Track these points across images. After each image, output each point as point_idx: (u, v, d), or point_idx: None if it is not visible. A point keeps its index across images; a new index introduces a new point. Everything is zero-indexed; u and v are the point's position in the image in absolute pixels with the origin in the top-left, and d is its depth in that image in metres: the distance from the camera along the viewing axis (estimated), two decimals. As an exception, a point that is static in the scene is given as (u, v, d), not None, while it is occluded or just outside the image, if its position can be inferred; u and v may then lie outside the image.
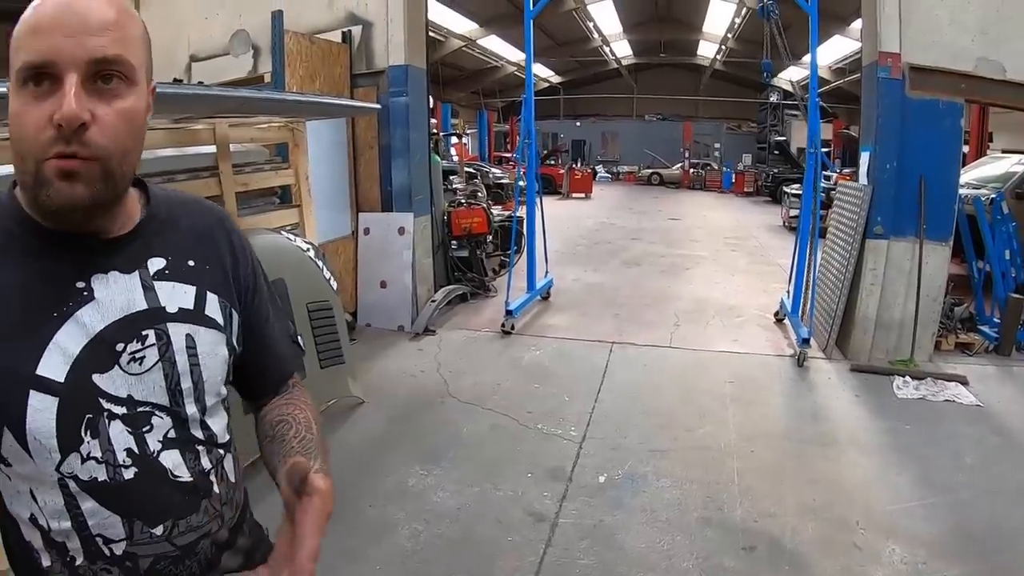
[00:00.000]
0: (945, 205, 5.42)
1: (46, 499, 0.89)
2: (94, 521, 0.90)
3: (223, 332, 1.03)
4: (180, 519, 0.96)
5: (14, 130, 0.83)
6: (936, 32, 5.19)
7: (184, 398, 0.97)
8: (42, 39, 0.80)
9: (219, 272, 1.05)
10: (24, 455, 0.86)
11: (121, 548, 0.92)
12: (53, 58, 0.80)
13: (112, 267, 0.93)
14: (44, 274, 0.88)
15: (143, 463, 0.92)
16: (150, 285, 0.95)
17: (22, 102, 0.82)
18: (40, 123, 0.80)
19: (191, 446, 0.98)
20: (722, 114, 35.78)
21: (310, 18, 6.98)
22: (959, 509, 3.46)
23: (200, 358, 0.99)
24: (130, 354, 0.92)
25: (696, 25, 25.85)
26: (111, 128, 0.83)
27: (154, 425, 0.94)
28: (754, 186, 25.08)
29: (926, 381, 5.09)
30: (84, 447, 0.88)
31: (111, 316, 0.91)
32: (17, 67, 0.82)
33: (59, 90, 0.80)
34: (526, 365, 5.77)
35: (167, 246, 0.99)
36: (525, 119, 7.26)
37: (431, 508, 3.50)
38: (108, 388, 0.90)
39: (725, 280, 9.18)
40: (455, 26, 22.98)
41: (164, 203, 1.03)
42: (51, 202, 0.83)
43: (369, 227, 7.06)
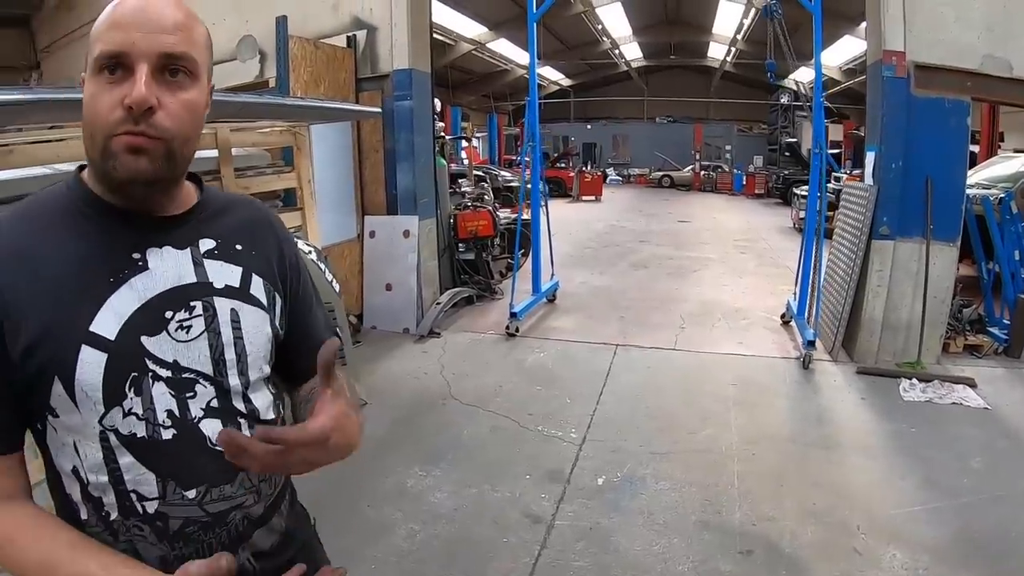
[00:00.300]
0: (952, 205, 5.35)
1: (87, 452, 0.95)
2: (130, 476, 0.96)
3: (267, 312, 1.10)
4: (214, 487, 1.01)
5: (88, 110, 0.93)
6: (941, 30, 5.13)
7: (227, 369, 1.03)
8: (120, 33, 0.90)
9: (264, 259, 1.13)
10: (71, 405, 0.93)
11: (153, 507, 0.97)
12: (128, 50, 0.90)
13: (166, 243, 1.01)
14: (105, 245, 0.97)
15: (182, 426, 0.98)
16: (200, 262, 1.04)
17: (97, 87, 0.92)
18: (112, 105, 0.90)
19: (233, 418, 1.04)
20: (733, 116, 35.67)
21: (316, 23, 7.01)
22: (964, 513, 3.41)
23: (244, 333, 1.06)
24: (178, 322, 0.99)
25: (706, 27, 25.77)
26: (175, 114, 0.93)
27: (198, 392, 1.00)
28: (765, 188, 24.96)
29: (933, 383, 5.03)
30: (127, 402, 0.94)
31: (162, 286, 0.99)
32: (95, 56, 0.91)
33: (131, 78, 0.90)
34: (529, 367, 5.75)
35: (217, 230, 1.08)
36: (529, 121, 7.27)
37: (429, 509, 3.49)
38: (155, 351, 0.97)
39: (733, 282, 9.13)
40: (464, 30, 23.02)
41: (217, 196, 1.14)
42: (117, 173, 0.92)
43: (374, 230, 7.07)
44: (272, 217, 1.22)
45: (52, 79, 11.38)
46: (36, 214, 0.99)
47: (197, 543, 1.00)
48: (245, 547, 1.06)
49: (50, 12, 11.13)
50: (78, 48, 10.69)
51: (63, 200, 1.00)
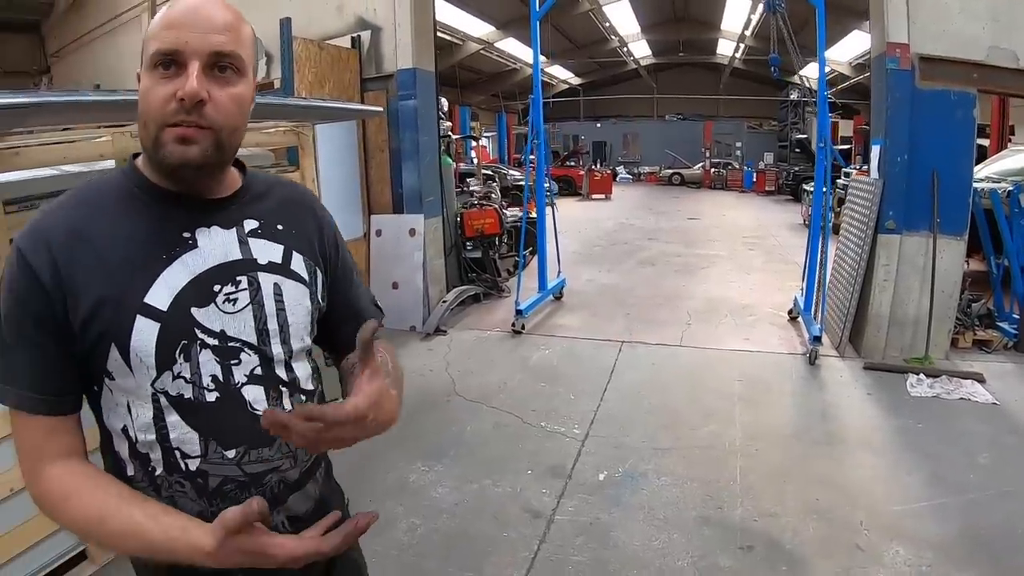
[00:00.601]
0: (959, 198, 5.29)
1: (139, 411, 1.04)
2: (175, 435, 1.05)
3: (307, 287, 1.18)
4: (252, 449, 1.08)
5: (143, 103, 1.01)
6: (945, 21, 5.07)
7: (270, 339, 1.12)
8: (174, 32, 0.98)
9: (304, 237, 1.22)
10: (126, 370, 1.02)
11: (195, 464, 1.06)
12: (181, 48, 0.98)
13: (214, 223, 1.10)
14: (158, 225, 1.06)
15: (226, 391, 1.07)
16: (245, 240, 1.12)
17: (152, 81, 1.00)
18: (166, 98, 0.98)
19: (275, 385, 1.12)
20: (743, 113, 35.50)
21: (321, 25, 7.05)
22: (970, 510, 3.37)
23: (286, 305, 1.14)
24: (225, 295, 1.08)
25: (714, 23, 25.66)
26: (223, 107, 1.01)
27: (242, 360, 1.08)
28: (775, 185, 24.83)
29: (941, 379, 4.99)
30: (176, 367, 1.03)
31: (211, 262, 1.07)
32: (150, 53, 1.00)
33: (183, 73, 0.98)
34: (534, 364, 5.75)
35: (260, 211, 1.17)
36: (534, 119, 7.24)
37: (430, 503, 3.50)
38: (204, 321, 1.05)
39: (740, 279, 9.09)
40: (472, 29, 23.03)
41: (259, 179, 1.22)
42: (169, 160, 1.01)
43: (381, 229, 7.10)
44: (311, 198, 1.31)
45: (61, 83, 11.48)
46: (92, 197, 1.08)
47: (234, 501, 1.02)
48: (280, 510, 1.13)
49: (59, 18, 11.24)
50: (87, 53, 10.80)
51: (118, 185, 1.09)
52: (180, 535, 0.95)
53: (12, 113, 2.39)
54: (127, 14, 9.81)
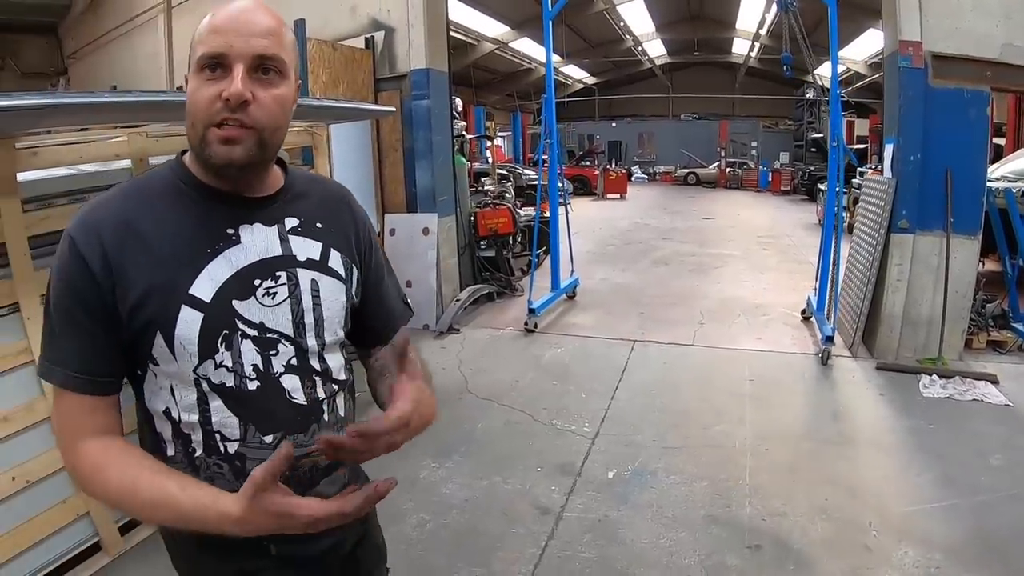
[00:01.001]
0: (972, 197, 5.26)
1: (183, 394, 1.10)
2: (217, 418, 1.11)
3: (344, 283, 1.24)
4: (289, 435, 1.14)
5: (190, 103, 1.06)
6: (958, 18, 5.03)
7: (306, 331, 1.18)
8: (220, 37, 1.03)
9: (342, 234, 1.27)
10: (170, 356, 1.08)
11: (234, 447, 1.12)
12: (226, 51, 1.03)
13: (256, 220, 1.15)
14: (203, 220, 1.11)
15: (266, 379, 1.13)
16: (285, 238, 1.18)
17: (198, 83, 1.05)
18: (211, 99, 1.03)
19: (309, 375, 1.18)
20: (758, 112, 35.34)
21: (335, 26, 7.10)
22: (981, 512, 3.35)
23: (322, 300, 1.20)
24: (265, 289, 1.13)
25: (729, 22, 25.59)
26: (266, 107, 1.06)
27: (280, 351, 1.14)
28: (791, 184, 24.70)
29: (954, 380, 4.96)
30: (218, 356, 1.09)
31: (252, 257, 1.13)
32: (197, 56, 1.04)
33: (228, 76, 1.03)
34: (546, 363, 5.77)
35: (300, 209, 1.22)
36: (547, 118, 7.26)
37: (439, 499, 3.53)
38: (244, 313, 1.11)
39: (754, 278, 9.06)
40: (487, 29, 23.07)
41: (300, 177, 1.27)
42: (214, 159, 1.06)
43: (395, 228, 7.14)
44: (348, 196, 1.36)
45: (78, 84, 11.59)
46: (142, 191, 1.13)
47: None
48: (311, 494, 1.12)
49: (76, 20, 11.35)
50: (104, 54, 10.91)
51: (166, 180, 1.14)
52: (210, 503, 0.98)
53: (30, 114, 2.44)
54: (142, 16, 9.92)
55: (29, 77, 11.97)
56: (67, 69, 12.17)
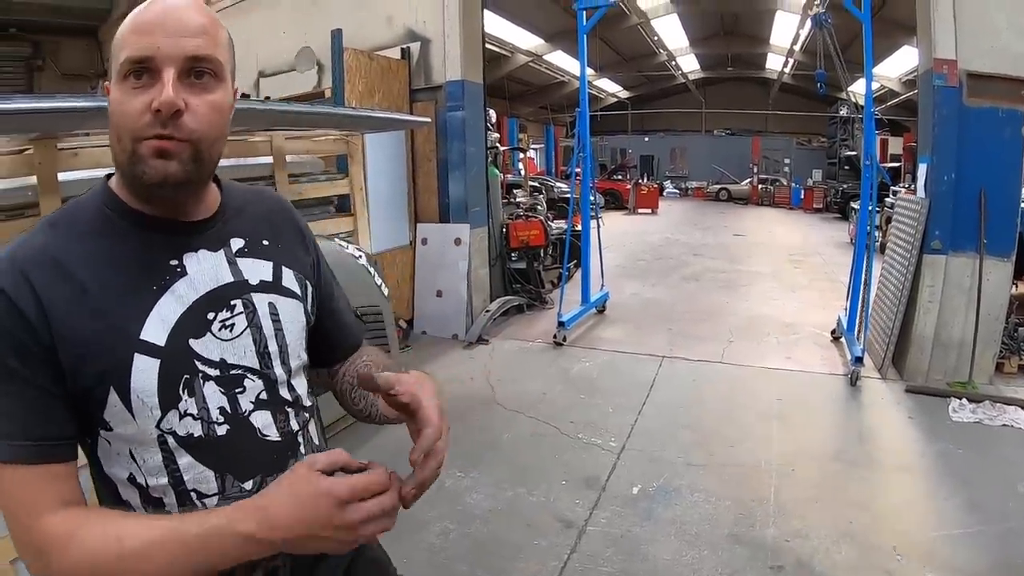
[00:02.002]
0: (1007, 219, 5.19)
1: (145, 457, 0.97)
2: (189, 476, 0.99)
3: (301, 301, 1.15)
4: (268, 476, 1.01)
5: (115, 115, 0.95)
6: (993, 36, 4.98)
7: (272, 360, 1.08)
8: (145, 38, 0.92)
9: (290, 250, 1.18)
10: (127, 415, 0.95)
11: (213, 502, 1.00)
12: (153, 54, 0.91)
13: (200, 246, 1.04)
14: (141, 253, 0.99)
15: (235, 421, 1.02)
16: (233, 261, 1.07)
17: (123, 92, 0.93)
18: (139, 109, 0.91)
19: (281, 407, 1.08)
20: (792, 129, 35.04)
21: (371, 36, 7.22)
22: (1008, 540, 3.30)
23: (283, 324, 1.10)
24: (220, 321, 1.02)
25: (763, 38, 25.45)
26: (202, 116, 0.95)
27: (246, 387, 1.04)
28: (823, 202, 24.45)
29: (984, 404, 4.89)
30: (182, 404, 0.97)
31: (202, 288, 1.02)
32: (120, 62, 0.93)
33: (157, 83, 0.91)
34: (574, 376, 5.80)
35: (244, 228, 1.11)
36: (580, 132, 7.33)
37: (463, 509, 3.58)
38: (203, 352, 1.00)
39: (784, 297, 9.01)
40: (521, 42, 23.20)
41: (236, 192, 1.16)
42: (146, 177, 0.94)
43: (426, 237, 7.24)
44: (289, 207, 1.27)
45: (119, 88, 11.83)
46: (69, 225, 0.99)
47: None
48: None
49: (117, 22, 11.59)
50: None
51: (93, 210, 1.01)
52: (224, 523, 0.86)
53: (73, 116, 2.54)
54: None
55: (69, 78, 12.21)
56: (106, 71, 12.42)
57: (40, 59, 12.10)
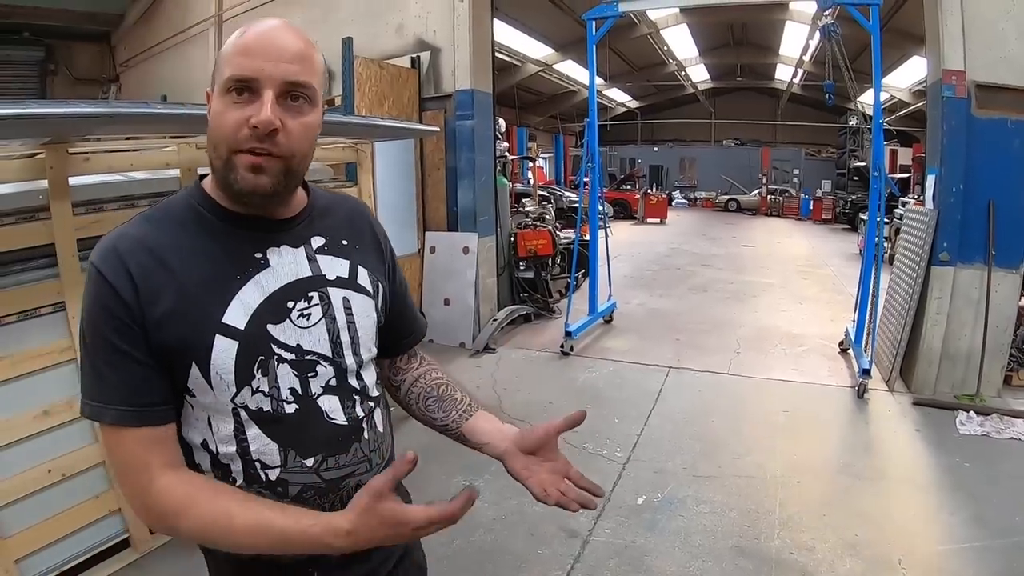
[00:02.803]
0: (1015, 230, 5.16)
1: (219, 425, 1.08)
2: (255, 447, 1.08)
3: (372, 299, 1.24)
4: (330, 456, 1.13)
5: (215, 125, 1.05)
6: (1002, 47, 4.98)
7: (344, 350, 1.16)
8: (249, 60, 1.01)
9: (367, 251, 1.27)
10: (206, 387, 1.05)
11: (275, 474, 1.10)
12: (256, 75, 1.01)
13: (283, 242, 1.14)
14: (230, 246, 1.10)
15: (303, 402, 1.11)
16: (313, 257, 1.17)
17: (224, 105, 1.03)
18: (238, 123, 1.01)
19: (349, 394, 1.17)
20: (801, 139, 35.01)
21: (381, 44, 7.27)
22: (1013, 554, 3.29)
23: (355, 318, 1.19)
24: (299, 311, 1.12)
25: (772, 48, 25.45)
26: (295, 136, 1.05)
27: (318, 373, 1.13)
28: (832, 213, 24.42)
29: (992, 417, 4.87)
30: (255, 382, 1.07)
31: (283, 280, 1.12)
32: (225, 78, 1.02)
33: (256, 101, 1.01)
34: (580, 386, 5.80)
35: (325, 228, 1.21)
36: (589, 142, 7.34)
37: (468, 517, 3.45)
38: (280, 337, 1.09)
39: (792, 308, 8.99)
40: (531, 51, 23.26)
41: (322, 196, 1.27)
42: (238, 186, 1.04)
43: (435, 246, 7.26)
44: (369, 212, 1.36)
45: (130, 92, 11.93)
46: (162, 220, 1.10)
47: (313, 507, 1.09)
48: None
49: (129, 29, 11.69)
50: (155, 63, 11.23)
51: (186, 207, 1.11)
52: (315, 520, 0.98)
53: (85, 121, 2.57)
54: (194, 28, 10.24)
55: (81, 83, 12.34)
56: (119, 77, 12.51)
57: (53, 64, 12.23)
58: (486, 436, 1.32)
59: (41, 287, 2.83)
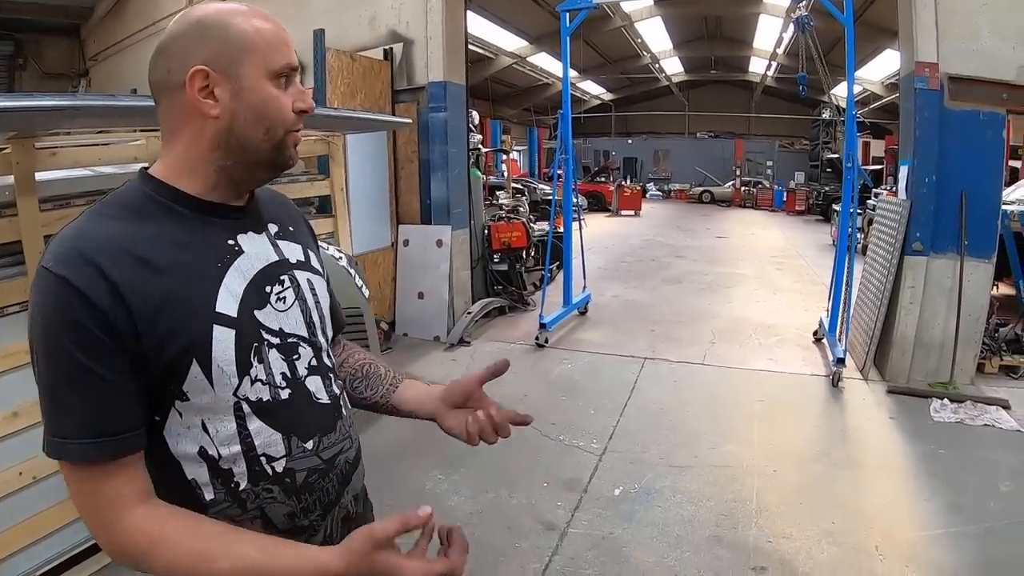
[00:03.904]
0: (987, 220, 5.22)
1: (218, 427, 1.04)
2: (260, 440, 1.07)
3: (325, 280, 1.28)
4: (324, 435, 1.15)
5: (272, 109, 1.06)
6: (975, 40, 5.01)
7: (316, 330, 1.19)
8: (289, 49, 1.07)
9: (307, 236, 1.30)
10: (206, 385, 1.01)
11: (281, 465, 1.09)
12: (295, 63, 1.08)
13: (249, 228, 1.14)
14: (204, 234, 1.07)
15: (294, 385, 1.12)
16: (275, 243, 1.18)
17: (275, 91, 1.06)
18: (288, 107, 1.07)
19: (326, 374, 1.19)
20: (774, 131, 35.30)
21: (354, 36, 7.17)
22: (988, 539, 3.32)
23: (319, 298, 1.22)
24: (276, 294, 1.13)
25: (746, 41, 25.58)
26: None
27: (301, 354, 1.14)
28: (806, 205, 24.65)
29: (965, 404, 4.92)
30: (253, 371, 1.06)
31: (258, 265, 1.11)
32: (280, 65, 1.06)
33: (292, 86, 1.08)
34: (555, 378, 5.77)
35: (272, 215, 1.22)
36: (562, 134, 7.31)
37: (445, 512, 3.53)
38: (265, 321, 1.09)
39: (767, 298, 9.04)
40: (505, 44, 23.16)
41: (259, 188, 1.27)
42: (292, 161, 1.12)
43: (408, 239, 7.19)
44: (291, 201, 1.37)
45: (99, 86, 11.72)
46: (122, 214, 1.02)
47: (319, 491, 1.13)
48: (349, 490, 1.21)
49: (98, 22, 11.49)
50: (125, 57, 11.03)
51: (144, 198, 1.05)
52: (304, 562, 0.93)
53: (52, 115, 2.49)
54: (164, 21, 10.03)
55: (51, 78, 12.13)
56: (88, 71, 12.31)
57: (22, 58, 11.99)
58: (415, 403, 1.34)
59: (8, 285, 2.73)
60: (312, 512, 1.13)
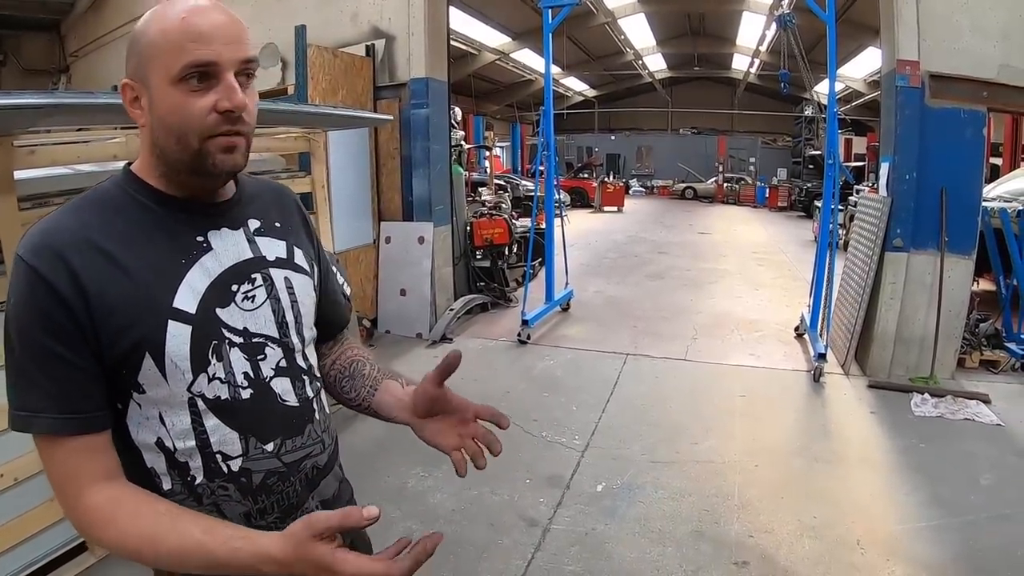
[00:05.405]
0: (967, 217, 5.26)
1: (174, 420, 1.04)
2: (216, 438, 1.06)
3: (311, 278, 1.25)
4: (288, 439, 1.13)
5: (178, 116, 1.00)
6: (956, 38, 5.05)
7: (290, 330, 1.17)
8: (206, 44, 0.98)
9: (298, 232, 1.27)
10: (160, 378, 1.01)
11: (237, 464, 1.08)
12: (216, 59, 0.99)
13: (223, 225, 1.13)
14: (171, 230, 1.07)
15: (257, 386, 1.10)
16: (252, 239, 1.16)
17: (184, 95, 1.00)
18: (205, 110, 0.99)
19: (298, 375, 1.17)
20: (757, 128, 35.44)
21: (336, 33, 7.11)
22: (969, 532, 3.34)
23: (298, 297, 1.19)
24: (243, 293, 1.11)
25: (729, 38, 25.68)
26: (252, 112, 1.05)
27: (267, 355, 1.12)
28: (788, 201, 24.79)
29: (946, 399, 4.96)
30: (211, 368, 1.05)
31: (226, 263, 1.10)
32: (181, 66, 0.98)
33: (217, 86, 1.00)
34: (537, 374, 5.76)
35: (258, 210, 1.20)
36: (544, 129, 7.29)
37: (427, 509, 3.52)
38: (228, 320, 1.07)
39: (749, 294, 9.07)
40: (488, 39, 23.09)
41: (248, 182, 1.25)
42: (216, 170, 1.04)
43: (390, 236, 7.15)
44: (293, 195, 1.35)
45: (80, 83, 11.57)
46: (95, 208, 1.05)
47: (277, 494, 1.11)
48: (315, 495, 1.18)
49: (78, 19, 11.33)
50: (106, 53, 10.88)
51: (119, 193, 1.08)
52: (244, 544, 0.93)
53: (29, 113, 2.44)
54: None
55: (31, 74, 11.94)
56: (69, 67, 12.14)
57: (2, 55, 11.82)
58: (391, 409, 1.30)
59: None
60: (269, 514, 1.11)
